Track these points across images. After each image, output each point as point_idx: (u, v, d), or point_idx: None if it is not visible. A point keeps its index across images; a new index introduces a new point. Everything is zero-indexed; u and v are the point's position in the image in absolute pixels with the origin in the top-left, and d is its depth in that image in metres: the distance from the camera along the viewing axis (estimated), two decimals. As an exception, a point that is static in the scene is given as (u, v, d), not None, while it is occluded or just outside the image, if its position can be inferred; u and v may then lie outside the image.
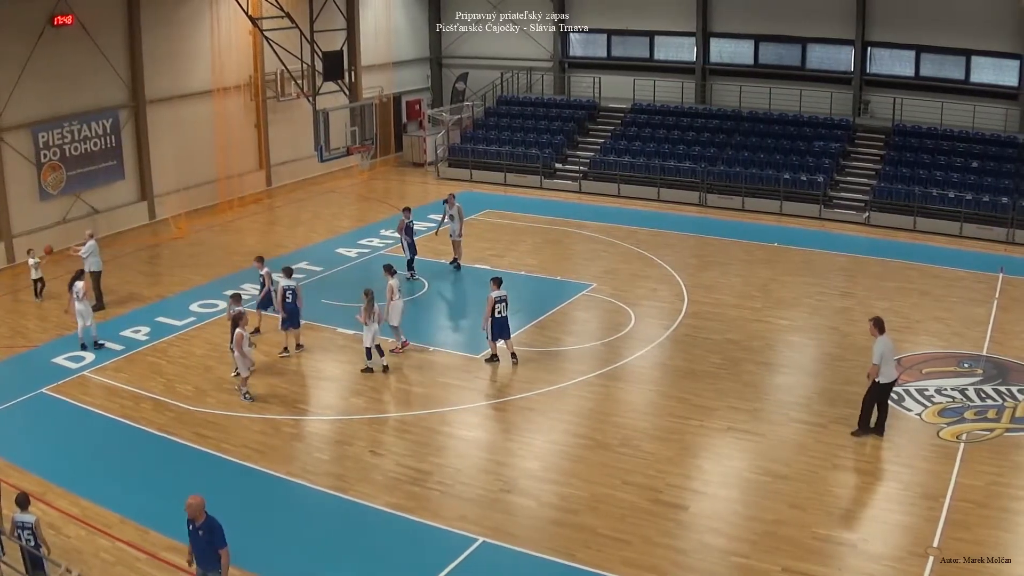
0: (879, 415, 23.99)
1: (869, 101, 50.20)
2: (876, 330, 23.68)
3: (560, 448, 23.99)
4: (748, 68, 53.18)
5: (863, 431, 23.97)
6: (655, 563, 19.13)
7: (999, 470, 22.36)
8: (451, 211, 36.97)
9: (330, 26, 41.34)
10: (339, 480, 22.44)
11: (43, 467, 22.72)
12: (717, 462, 23.50)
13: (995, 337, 30.38)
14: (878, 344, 23.51)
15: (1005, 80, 46.80)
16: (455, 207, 36.88)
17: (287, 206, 48.22)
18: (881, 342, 23.48)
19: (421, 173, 55.61)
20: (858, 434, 23.98)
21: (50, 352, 29.75)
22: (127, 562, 19.15)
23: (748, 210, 46.23)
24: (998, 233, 41.17)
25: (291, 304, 29.16)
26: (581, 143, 54.12)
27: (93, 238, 33.63)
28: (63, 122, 39.53)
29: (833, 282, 36.23)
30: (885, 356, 23.47)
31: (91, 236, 33.72)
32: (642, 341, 30.38)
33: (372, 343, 27.88)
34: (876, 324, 23.81)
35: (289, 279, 29.66)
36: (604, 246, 40.57)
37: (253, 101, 48.99)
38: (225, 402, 26.39)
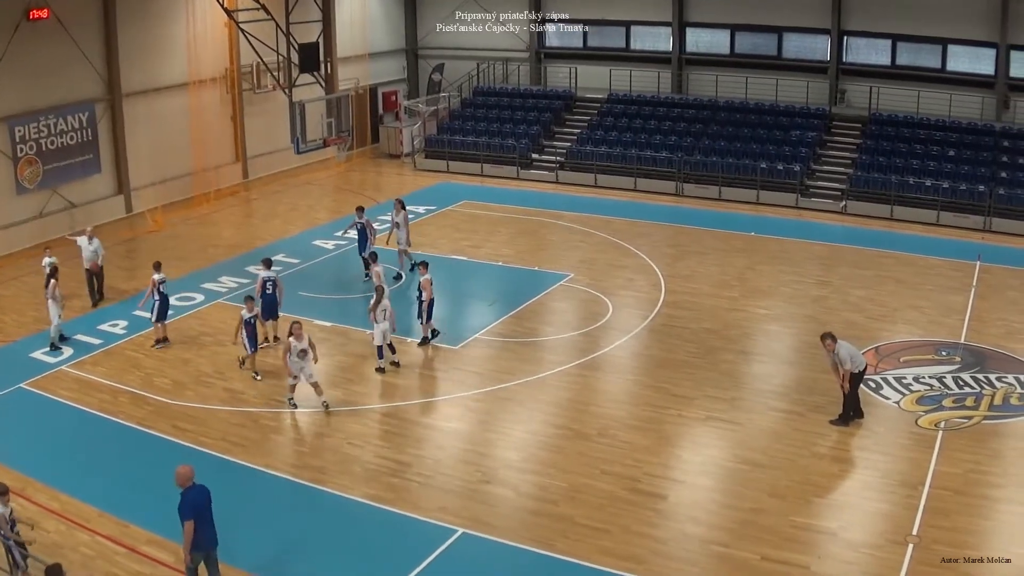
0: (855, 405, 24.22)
1: (845, 90, 50.30)
2: (832, 343, 23.77)
3: (539, 438, 24.00)
4: (724, 58, 53.20)
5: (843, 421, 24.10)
6: (634, 552, 19.18)
7: (977, 458, 22.47)
8: (397, 218, 35.53)
9: (306, 18, 41.15)
10: (318, 472, 22.42)
11: (22, 462, 22.63)
12: (695, 451, 23.57)
13: (973, 325, 30.50)
14: (841, 350, 23.66)
15: (981, 68, 46.95)
16: (401, 214, 35.42)
17: (264, 198, 48.11)
18: (843, 347, 23.72)
19: (398, 164, 55.51)
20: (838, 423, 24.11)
21: (28, 347, 29.63)
22: (107, 556, 19.11)
23: (725, 199, 46.28)
24: (975, 221, 41.32)
25: (270, 295, 29.10)
26: (558, 133, 54.12)
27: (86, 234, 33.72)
28: (39, 116, 39.30)
29: (810, 271, 36.34)
30: (853, 355, 23.72)
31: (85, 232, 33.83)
32: (620, 331, 30.42)
33: (383, 341, 27.48)
34: (829, 338, 23.90)
35: (268, 270, 29.57)
36: (581, 236, 40.59)
37: (229, 93, 48.80)
38: (203, 395, 26.34)
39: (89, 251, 33.24)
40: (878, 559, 18.79)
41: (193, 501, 16.84)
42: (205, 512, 17.08)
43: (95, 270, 33.40)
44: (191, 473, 17.06)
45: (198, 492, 17.06)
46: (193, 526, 16.67)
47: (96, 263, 33.31)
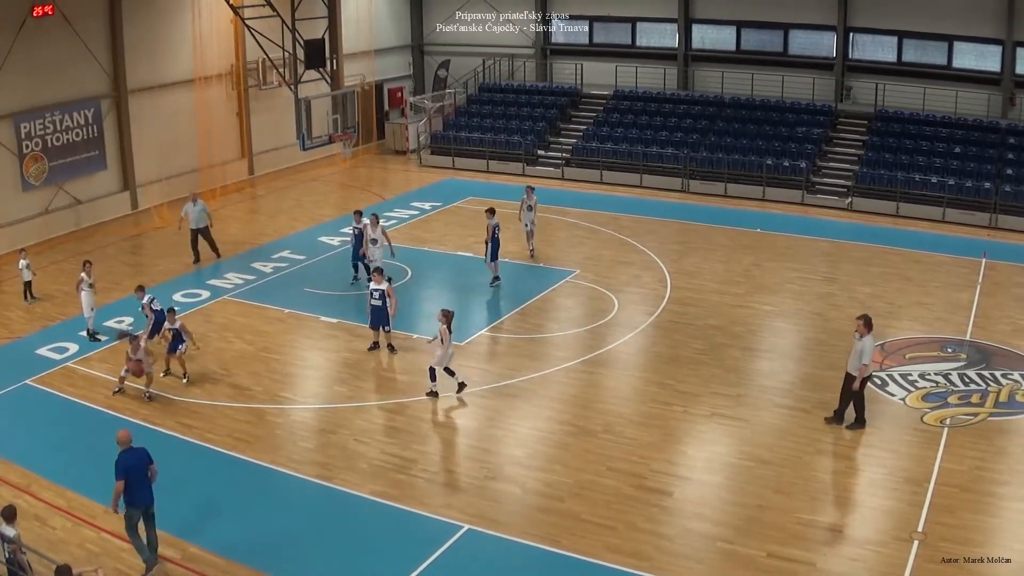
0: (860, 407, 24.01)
1: (851, 87, 50.27)
2: (866, 329, 23.34)
3: (544, 435, 24.02)
4: (730, 54, 53.17)
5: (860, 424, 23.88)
6: (639, 549, 19.19)
7: (983, 455, 22.47)
8: (373, 234, 33.39)
9: (311, 14, 41.15)
10: (324, 468, 22.45)
11: (28, 459, 22.67)
12: (701, 448, 23.56)
13: (978, 322, 30.49)
14: (869, 342, 23.33)
15: (987, 65, 46.89)
16: (378, 228, 33.51)
17: (269, 195, 48.14)
18: (870, 341, 23.37)
19: (403, 161, 55.54)
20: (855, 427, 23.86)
21: (34, 343, 29.66)
22: (112, 552, 19.13)
23: (731, 196, 46.28)
24: (980, 218, 41.31)
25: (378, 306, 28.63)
26: (563, 130, 54.14)
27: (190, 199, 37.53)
28: (45, 112, 39.30)
29: (816, 267, 36.33)
30: (865, 354, 23.37)
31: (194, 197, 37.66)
32: (625, 327, 30.42)
33: (442, 364, 25.75)
34: (867, 323, 23.43)
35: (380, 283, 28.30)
36: (587, 232, 40.59)
37: (235, 90, 48.80)
38: (209, 392, 26.36)
39: (196, 212, 36.90)
40: (883, 556, 18.79)
41: (124, 463, 18.12)
42: (138, 473, 18.23)
43: (202, 230, 37.13)
44: (128, 437, 18.58)
45: (132, 455, 18.35)
46: (123, 485, 17.95)
47: (205, 224, 37.20)
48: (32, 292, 33.26)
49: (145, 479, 18.32)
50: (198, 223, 37.06)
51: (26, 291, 33.17)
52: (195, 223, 37.00)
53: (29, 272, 33.05)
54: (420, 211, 43.47)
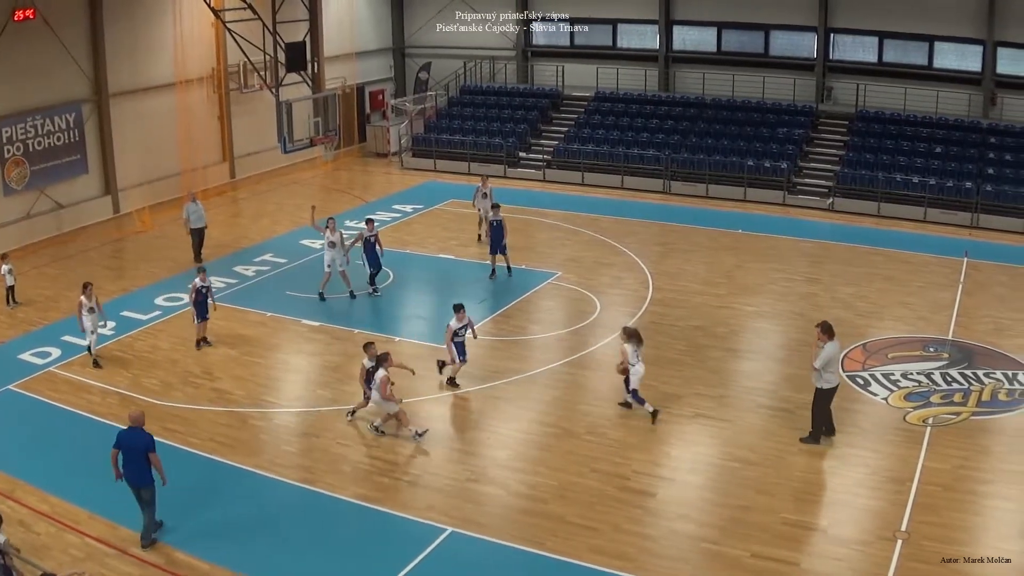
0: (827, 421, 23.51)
1: (832, 87, 50.40)
2: (825, 336, 22.73)
3: (527, 437, 24.02)
4: (711, 55, 53.25)
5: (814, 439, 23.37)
6: (624, 550, 19.20)
7: (966, 454, 22.56)
8: (331, 237, 33.03)
9: (292, 17, 41.11)
10: (307, 472, 22.41)
11: (11, 464, 22.60)
12: (684, 449, 23.57)
13: (960, 321, 30.59)
14: (827, 348, 22.58)
15: (968, 65, 47.11)
16: (336, 233, 33.09)
17: (251, 198, 48.04)
18: (831, 347, 22.62)
19: (385, 163, 55.53)
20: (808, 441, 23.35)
21: (16, 348, 29.54)
22: (97, 557, 19.06)
23: (712, 197, 46.37)
24: (962, 218, 41.47)
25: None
26: (544, 132, 54.16)
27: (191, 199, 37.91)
28: (26, 117, 39.17)
29: (798, 268, 36.41)
30: (832, 362, 22.80)
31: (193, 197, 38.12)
32: (608, 329, 30.38)
33: (639, 384, 24.85)
34: (825, 330, 22.79)
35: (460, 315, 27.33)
36: (568, 234, 40.62)
37: (216, 93, 48.70)
38: (191, 396, 26.30)
39: (198, 212, 37.59)
40: (867, 555, 18.84)
41: (118, 437, 19.39)
42: (130, 452, 19.13)
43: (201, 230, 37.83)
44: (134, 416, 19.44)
45: (128, 434, 19.30)
46: (114, 455, 19.25)
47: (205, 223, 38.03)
48: (14, 297, 33.17)
49: (135, 461, 19.06)
50: (199, 223, 37.55)
51: (8, 296, 33.08)
52: (196, 223, 37.44)
53: (11, 277, 32.95)
54: (402, 214, 43.42)
